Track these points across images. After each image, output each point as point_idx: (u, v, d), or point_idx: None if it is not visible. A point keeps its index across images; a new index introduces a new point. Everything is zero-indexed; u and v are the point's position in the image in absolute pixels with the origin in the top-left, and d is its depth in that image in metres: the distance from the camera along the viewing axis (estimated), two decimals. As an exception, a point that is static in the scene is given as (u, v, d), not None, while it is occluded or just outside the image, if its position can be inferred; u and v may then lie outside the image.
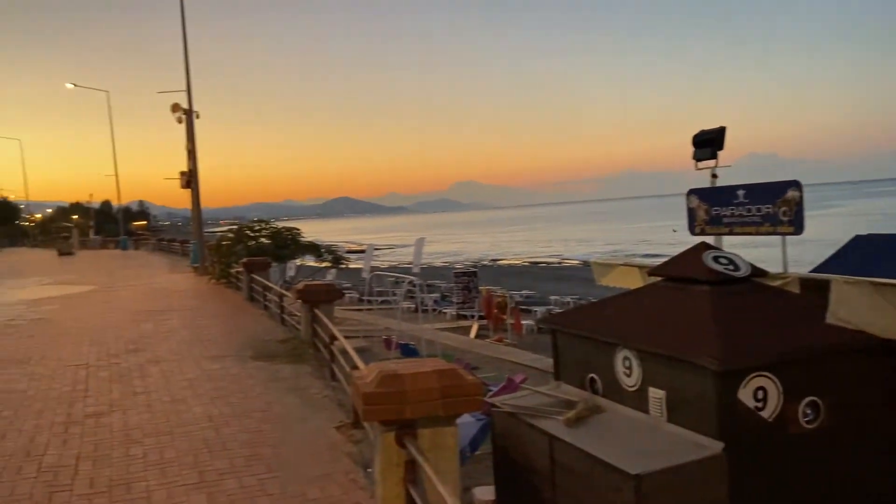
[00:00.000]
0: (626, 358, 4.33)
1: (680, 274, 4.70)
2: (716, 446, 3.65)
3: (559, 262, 64.88)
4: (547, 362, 12.56)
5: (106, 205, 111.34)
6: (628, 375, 4.33)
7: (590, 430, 4.18)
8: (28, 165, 67.50)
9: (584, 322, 4.89)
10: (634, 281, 8.99)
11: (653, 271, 5.33)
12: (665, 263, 5.11)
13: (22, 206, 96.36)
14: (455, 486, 3.07)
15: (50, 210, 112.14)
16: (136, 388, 7.50)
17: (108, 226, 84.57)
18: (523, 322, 20.28)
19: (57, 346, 10.31)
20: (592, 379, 4.68)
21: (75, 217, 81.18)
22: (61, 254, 44.53)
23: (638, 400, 4.25)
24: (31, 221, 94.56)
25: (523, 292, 30.92)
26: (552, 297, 28.79)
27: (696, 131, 7.21)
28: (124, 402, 6.97)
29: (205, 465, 5.05)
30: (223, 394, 7.09)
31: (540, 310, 25.08)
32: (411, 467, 3.09)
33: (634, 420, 4.22)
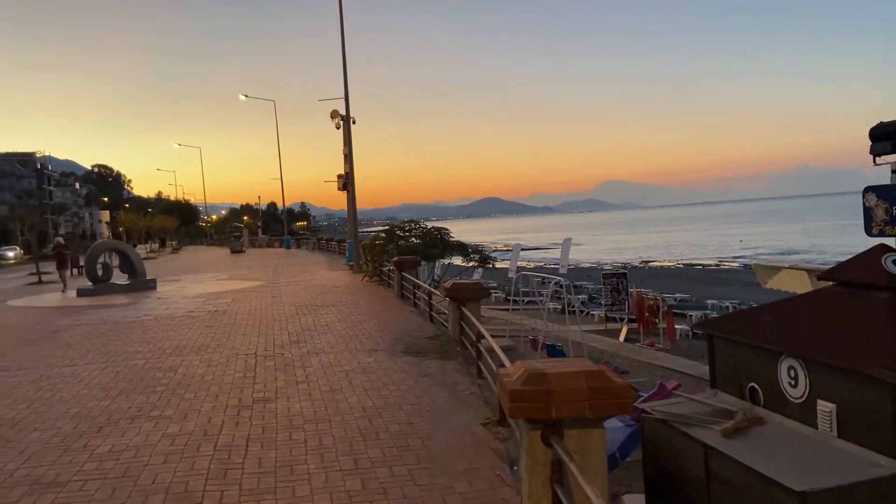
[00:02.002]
0: (791, 367, 4.06)
1: (855, 278, 4.33)
2: (893, 466, 3.33)
3: (717, 265, 61.58)
4: (702, 369, 11.98)
5: (272, 206, 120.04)
6: (794, 386, 4.05)
7: (749, 442, 3.96)
8: (206, 170, 74.22)
9: (744, 327, 4.63)
10: (802, 285, 8.38)
11: (823, 275, 4.94)
12: (838, 267, 4.72)
13: (201, 208, 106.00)
14: (603, 489, 3.02)
15: (224, 211, 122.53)
16: (298, 378, 8.01)
17: (273, 226, 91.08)
18: (677, 326, 19.48)
19: (230, 336, 11.24)
20: (753, 388, 4.42)
21: (245, 218, 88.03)
22: (233, 251, 48.58)
23: (804, 413, 3.97)
24: (208, 222, 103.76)
25: (677, 295, 29.73)
26: (709, 302, 27.44)
27: (874, 123, 6.57)
28: (288, 389, 7.48)
29: (359, 453, 5.29)
30: (376, 386, 7.41)
31: (695, 314, 23.98)
32: (557, 467, 3.08)
33: (799, 434, 3.94)
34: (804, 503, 3.26)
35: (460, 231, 22.25)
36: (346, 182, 25.90)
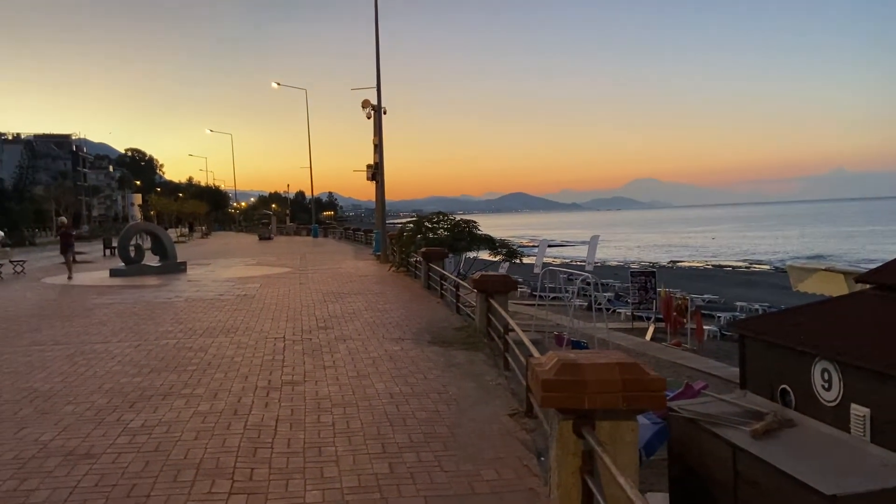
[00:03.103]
0: (825, 370, 4.01)
1: (895, 281, 4.26)
2: (929, 473, 3.29)
3: (747, 267, 60.69)
4: (729, 371, 11.86)
5: (300, 195, 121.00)
6: (827, 389, 4.00)
7: (779, 444, 3.93)
8: (236, 158, 74.93)
9: (777, 329, 4.58)
10: (837, 288, 8.26)
11: (861, 278, 4.87)
12: (877, 269, 4.65)
13: (230, 195, 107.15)
14: (635, 481, 3.03)
15: (253, 199, 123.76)
16: (325, 363, 8.09)
17: (300, 214, 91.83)
18: (705, 327, 19.28)
19: (259, 320, 11.38)
20: (784, 390, 4.38)
21: (273, 206, 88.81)
22: (261, 238, 49.17)
23: (836, 416, 3.92)
24: (236, 208, 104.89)
25: (705, 296, 29.38)
26: (738, 304, 27.07)
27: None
28: (316, 373, 7.56)
29: (386, 438, 5.34)
30: (403, 374, 7.45)
31: (724, 315, 23.70)
32: (588, 458, 3.08)
33: (831, 438, 3.91)
34: (834, 507, 3.23)
35: (486, 226, 22.24)
36: (376, 172, 26.00)
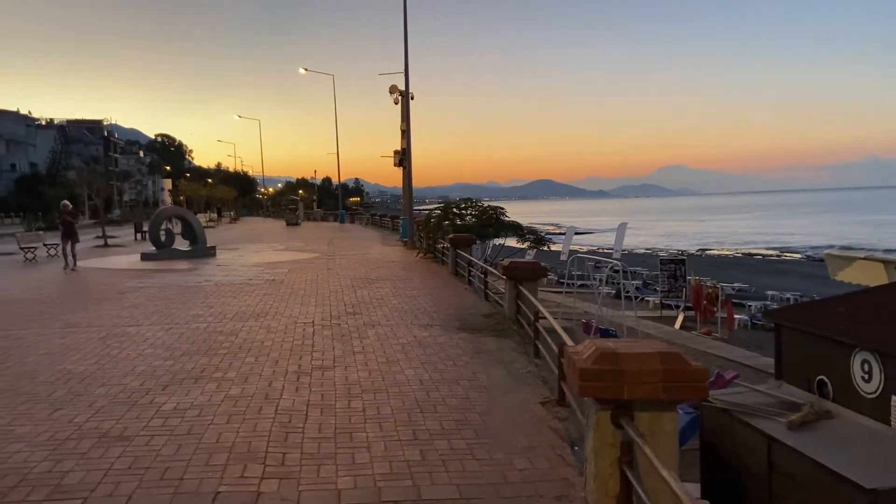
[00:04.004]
0: (865, 361, 3.92)
1: (940, 272, 4.15)
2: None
3: (778, 255, 59.74)
4: (761, 361, 11.69)
5: (326, 181, 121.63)
6: (867, 381, 3.92)
7: (816, 435, 3.86)
8: (264, 143, 75.47)
9: (815, 318, 4.49)
10: (877, 277, 8.09)
11: (903, 267, 4.75)
12: (921, 259, 4.54)
13: (258, 181, 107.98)
14: (676, 473, 2.98)
15: (280, 184, 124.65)
16: (355, 348, 8.11)
17: (327, 200, 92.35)
18: (735, 316, 19.04)
19: (288, 305, 11.46)
20: (822, 381, 4.30)
21: (301, 192, 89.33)
22: (288, 224, 49.60)
23: (877, 409, 3.84)
24: (264, 194, 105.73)
25: (735, 285, 29.03)
26: (769, 293, 26.71)
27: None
28: (345, 359, 7.57)
29: (417, 425, 5.33)
30: (432, 360, 7.44)
31: (754, 304, 23.40)
32: (627, 449, 3.04)
33: (871, 430, 3.83)
34: (875, 502, 3.16)
35: (512, 212, 22.14)
36: (403, 158, 25.99)
